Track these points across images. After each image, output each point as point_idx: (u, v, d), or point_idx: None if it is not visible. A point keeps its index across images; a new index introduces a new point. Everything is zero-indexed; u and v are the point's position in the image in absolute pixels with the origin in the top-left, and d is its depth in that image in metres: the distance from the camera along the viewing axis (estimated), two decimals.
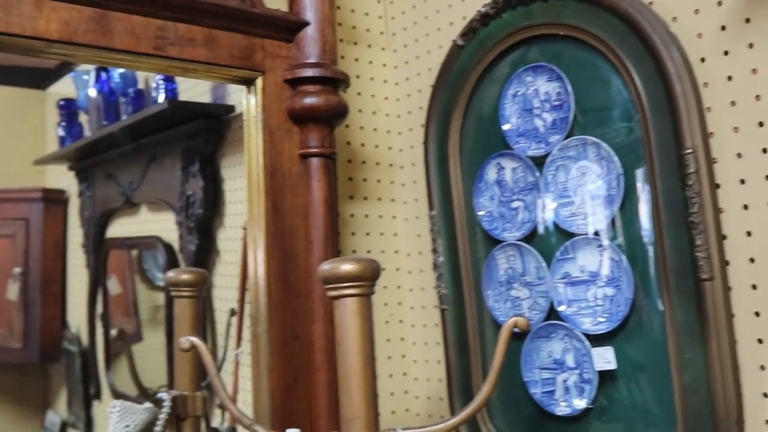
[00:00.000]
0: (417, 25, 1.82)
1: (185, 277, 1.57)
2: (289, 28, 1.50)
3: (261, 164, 1.47)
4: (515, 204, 1.58)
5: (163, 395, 1.44)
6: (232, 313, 1.81)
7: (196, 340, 1.25)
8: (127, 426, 1.43)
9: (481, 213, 1.62)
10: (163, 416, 1.42)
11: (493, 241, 1.60)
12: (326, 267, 1.16)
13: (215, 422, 1.77)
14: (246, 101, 1.50)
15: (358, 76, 1.82)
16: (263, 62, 1.48)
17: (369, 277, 1.16)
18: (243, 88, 1.51)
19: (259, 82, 1.48)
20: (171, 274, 1.60)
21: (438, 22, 1.76)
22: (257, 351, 1.49)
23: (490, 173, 1.60)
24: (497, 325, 1.60)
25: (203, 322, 1.88)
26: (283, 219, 1.48)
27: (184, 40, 1.38)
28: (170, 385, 1.91)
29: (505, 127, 1.57)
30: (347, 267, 1.14)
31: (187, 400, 1.47)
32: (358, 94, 1.77)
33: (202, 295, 1.61)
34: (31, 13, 1.24)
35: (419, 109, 1.79)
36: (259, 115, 1.48)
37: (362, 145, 1.81)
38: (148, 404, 1.44)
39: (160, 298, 2.38)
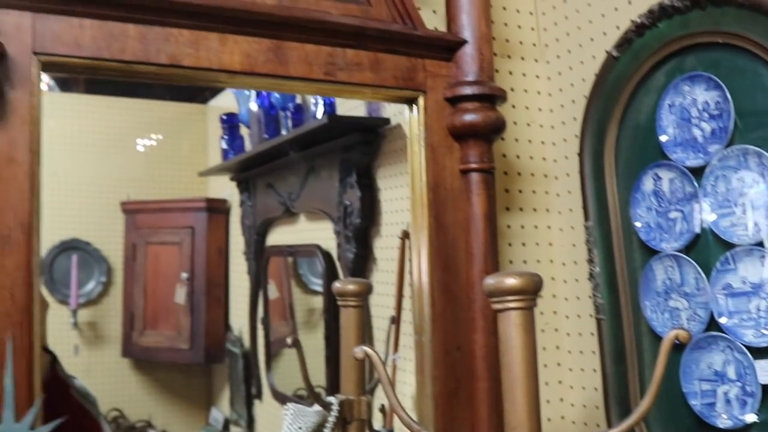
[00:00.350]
0: (569, 36, 1.84)
1: (351, 287, 1.65)
2: (448, 47, 1.56)
3: (424, 180, 1.54)
4: (673, 214, 1.58)
5: (332, 399, 1.52)
6: (392, 320, 1.89)
7: (369, 350, 1.32)
8: (300, 428, 1.51)
9: (638, 224, 1.62)
10: (331, 419, 1.50)
11: (650, 252, 1.61)
12: (491, 281, 1.20)
13: (377, 425, 1.85)
14: (408, 119, 1.57)
15: (512, 89, 1.86)
16: (425, 82, 1.54)
17: (532, 290, 1.20)
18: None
19: (420, 101, 1.54)
20: (338, 284, 1.68)
21: (591, 32, 1.78)
22: (421, 359, 1.55)
23: (647, 184, 1.61)
24: (654, 335, 1.60)
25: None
26: (445, 232, 1.54)
27: (352, 65, 1.46)
28: (328, 387, 2.01)
29: (662, 137, 1.57)
30: (511, 281, 1.19)
31: (353, 404, 1.53)
32: (513, 106, 1.81)
33: (367, 304, 1.69)
34: (217, 47, 1.35)
35: (573, 119, 1.81)
36: (422, 133, 1.54)
37: (517, 156, 1.85)
38: (317, 407, 1.52)
39: (315, 301, 2.49)
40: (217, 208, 2.62)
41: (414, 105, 1.55)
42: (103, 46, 1.27)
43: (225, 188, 2.67)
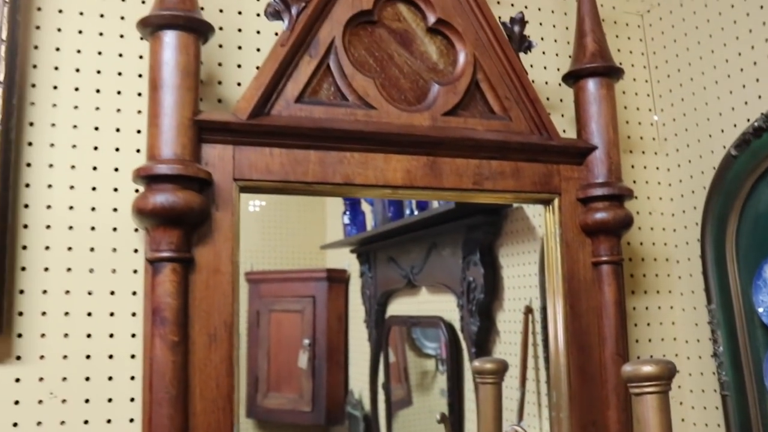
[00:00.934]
0: (688, 132, 1.99)
1: (489, 366, 1.82)
2: (580, 153, 1.73)
3: (560, 272, 1.71)
4: None
5: None
6: (523, 391, 2.04)
7: (519, 428, 1.49)
8: None
9: (760, 309, 1.75)
10: None
11: None
12: (629, 368, 1.36)
13: None
14: (545, 218, 1.75)
15: (634, 181, 2.02)
16: (559, 185, 1.72)
17: (666, 377, 1.35)
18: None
19: (556, 202, 1.72)
20: (477, 363, 1.86)
21: (708, 129, 1.93)
22: None
23: None
24: None
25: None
26: (579, 319, 1.70)
27: (496, 174, 1.66)
28: None
29: None
30: (648, 369, 1.35)
31: None
32: (636, 197, 1.96)
33: (503, 381, 1.85)
34: (382, 166, 1.57)
35: (693, 208, 1.95)
36: (557, 231, 1.71)
37: (641, 243, 2.00)
38: None
39: (428, 364, 2.62)
40: (336, 278, 2.69)
41: (550, 205, 1.73)
42: (290, 171, 1.50)
43: (343, 258, 2.81)
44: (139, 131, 1.57)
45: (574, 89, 1.79)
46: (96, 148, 1.54)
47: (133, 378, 1.49)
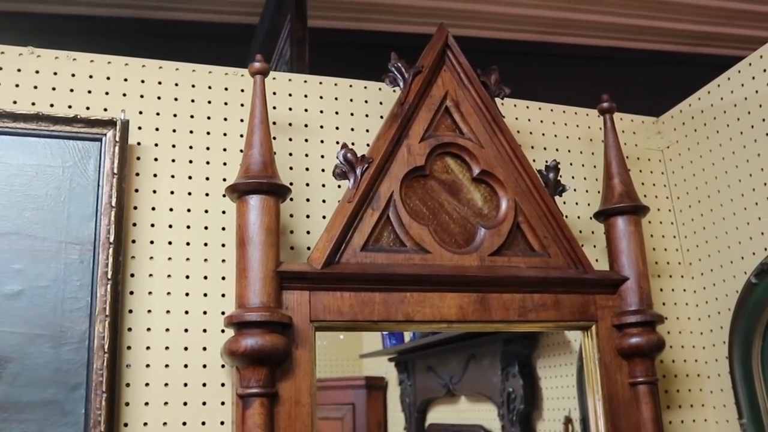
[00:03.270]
0: (711, 258, 2.19)
1: None
2: (613, 284, 1.93)
3: (600, 393, 1.88)
4: None
5: None
6: None
7: None
8: None
9: None
10: None
11: None
12: None
13: None
14: (583, 343, 1.93)
15: (663, 303, 2.20)
16: (596, 313, 1.91)
17: None
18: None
19: (593, 328, 1.91)
20: None
21: (729, 256, 2.12)
22: None
23: None
24: None
25: None
26: None
27: (539, 306, 1.85)
28: None
29: None
30: None
31: None
32: (665, 318, 2.15)
33: None
34: (438, 303, 1.77)
35: (720, 328, 2.13)
36: (595, 355, 1.89)
37: (672, 361, 2.17)
38: None
39: None
40: (375, 386, 2.80)
41: (588, 331, 1.92)
42: (358, 311, 1.71)
43: (381, 366, 2.93)
44: (223, 278, 1.79)
45: (605, 225, 2.00)
46: (187, 294, 1.76)
47: None
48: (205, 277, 1.79)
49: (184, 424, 1.69)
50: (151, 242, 1.77)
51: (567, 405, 2.21)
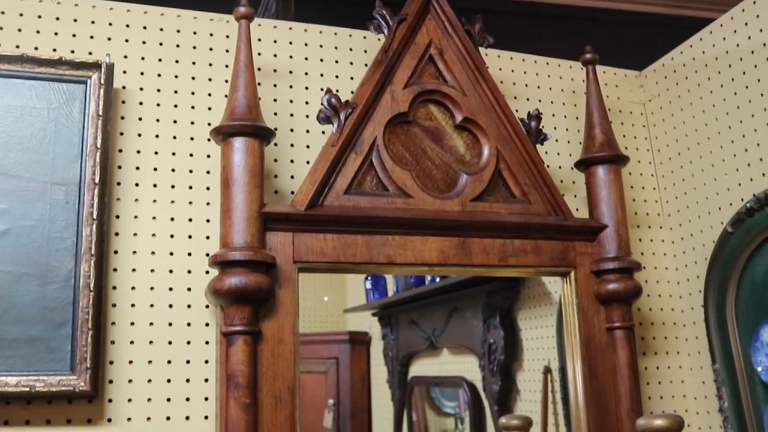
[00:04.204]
0: (689, 209, 2.22)
1: (515, 422, 2.03)
2: (592, 231, 1.96)
3: (578, 337, 1.92)
4: None
5: None
6: None
7: None
8: None
9: (759, 368, 1.95)
10: None
11: None
12: (642, 422, 1.58)
13: None
14: (562, 289, 1.97)
15: (642, 253, 2.24)
16: (575, 259, 1.94)
17: (676, 429, 1.56)
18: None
19: (572, 275, 1.94)
20: (503, 420, 2.05)
21: (707, 207, 2.16)
22: None
23: (764, 335, 1.94)
24: None
25: None
26: (597, 379, 1.90)
27: (519, 251, 1.89)
28: None
29: None
30: (660, 422, 1.56)
31: None
32: (643, 267, 2.18)
33: None
34: (419, 247, 1.80)
35: (696, 277, 2.17)
36: (574, 300, 1.93)
37: (650, 309, 2.22)
38: None
39: (447, 423, 2.76)
40: (359, 340, 2.81)
41: (567, 278, 1.95)
42: (340, 253, 1.74)
43: (364, 321, 2.92)
44: (208, 220, 1.82)
45: (585, 174, 2.03)
46: (172, 236, 1.78)
47: None
48: (190, 220, 1.81)
49: (169, 362, 1.72)
50: (136, 185, 1.79)
51: (546, 355, 2.25)
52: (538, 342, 2.31)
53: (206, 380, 1.73)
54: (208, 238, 1.81)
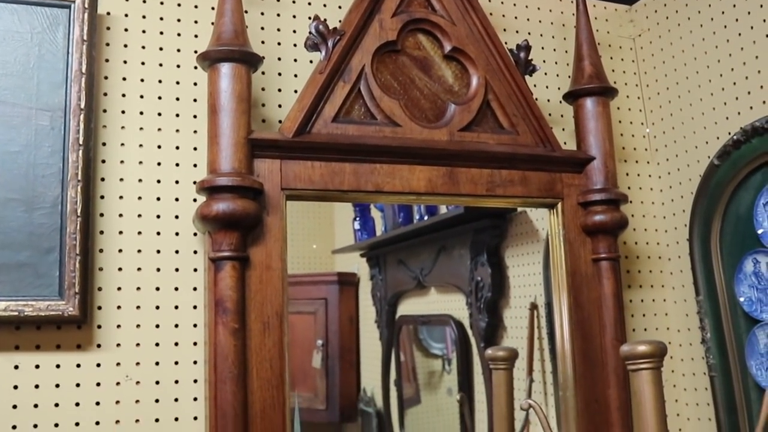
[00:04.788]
0: (676, 143, 2.23)
1: (501, 353, 2.05)
2: (580, 163, 1.97)
3: (564, 268, 1.93)
4: None
5: None
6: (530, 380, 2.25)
7: (533, 402, 1.70)
8: None
9: (741, 299, 1.98)
10: None
11: (753, 321, 1.96)
12: (626, 348, 1.59)
13: None
14: (549, 220, 1.98)
15: (629, 187, 2.25)
16: (562, 191, 1.95)
17: (659, 354, 1.57)
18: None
19: (559, 206, 1.95)
20: (490, 351, 2.07)
21: (694, 141, 2.16)
22: (566, 411, 1.93)
23: (748, 266, 1.96)
24: (759, 389, 1.94)
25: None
26: (582, 309, 1.93)
27: (506, 182, 1.89)
28: None
29: (759, 231, 1.93)
30: (643, 348, 1.57)
31: None
32: (630, 201, 2.19)
33: (514, 367, 2.06)
34: (407, 176, 1.80)
35: (682, 211, 2.19)
36: (561, 231, 1.94)
37: (635, 243, 2.23)
38: None
39: (435, 364, 2.78)
40: (347, 281, 2.80)
41: (554, 209, 1.96)
42: (328, 181, 1.73)
43: (352, 262, 2.92)
44: (195, 148, 1.80)
45: (574, 107, 2.03)
46: (159, 164, 1.77)
47: (195, 362, 1.72)
48: (177, 148, 1.80)
49: (158, 289, 1.72)
50: (123, 112, 1.77)
51: (533, 292, 2.26)
52: (525, 279, 2.32)
53: (195, 307, 1.74)
54: (195, 166, 1.80)
